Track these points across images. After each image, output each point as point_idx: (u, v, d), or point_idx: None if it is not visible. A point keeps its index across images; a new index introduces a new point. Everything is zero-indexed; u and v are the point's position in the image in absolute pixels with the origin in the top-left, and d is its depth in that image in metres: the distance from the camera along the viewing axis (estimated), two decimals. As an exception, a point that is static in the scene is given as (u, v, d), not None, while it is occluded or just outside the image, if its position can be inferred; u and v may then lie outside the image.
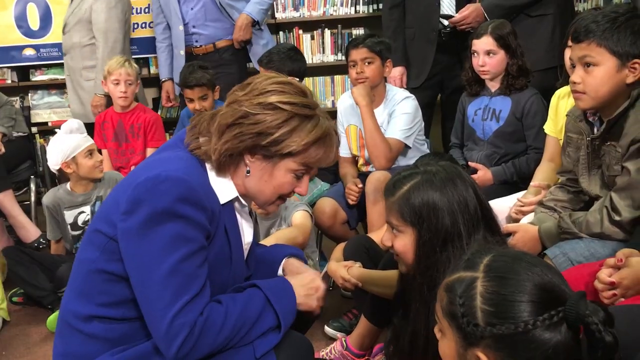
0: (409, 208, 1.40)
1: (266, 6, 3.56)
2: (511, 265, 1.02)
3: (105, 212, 1.40)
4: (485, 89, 2.73)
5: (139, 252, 1.30)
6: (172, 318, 1.27)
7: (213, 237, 1.39)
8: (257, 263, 1.66)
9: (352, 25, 4.45)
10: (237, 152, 1.39)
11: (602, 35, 1.67)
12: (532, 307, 0.97)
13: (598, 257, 1.67)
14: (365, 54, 2.77)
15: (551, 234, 1.83)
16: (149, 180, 1.32)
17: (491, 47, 2.60)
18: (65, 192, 2.83)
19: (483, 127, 2.70)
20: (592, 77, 1.70)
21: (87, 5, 3.59)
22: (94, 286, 1.38)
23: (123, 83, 3.27)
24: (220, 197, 1.41)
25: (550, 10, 3.00)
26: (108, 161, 3.41)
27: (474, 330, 0.98)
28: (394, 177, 1.49)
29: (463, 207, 1.39)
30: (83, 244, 1.44)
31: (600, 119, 1.81)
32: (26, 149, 3.49)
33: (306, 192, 1.49)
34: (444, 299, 1.05)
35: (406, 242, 1.43)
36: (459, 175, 1.44)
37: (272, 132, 1.36)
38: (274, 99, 1.37)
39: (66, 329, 1.42)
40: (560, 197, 2.01)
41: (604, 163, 1.79)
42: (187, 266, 1.30)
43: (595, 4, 4.05)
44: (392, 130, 2.79)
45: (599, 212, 1.75)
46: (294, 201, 2.63)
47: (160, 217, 1.29)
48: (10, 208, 3.19)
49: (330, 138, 1.43)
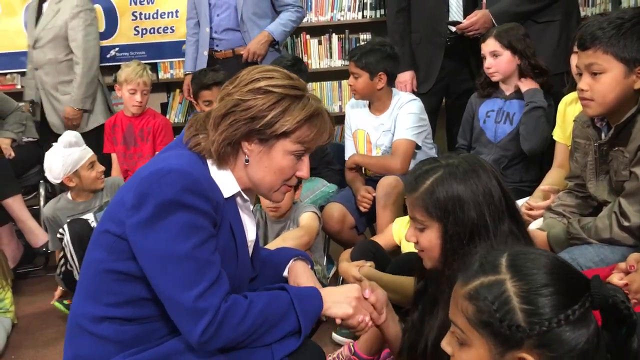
0: (433, 202, 1.38)
1: (289, 28, 3.57)
2: (533, 260, 1.02)
3: (112, 212, 1.42)
4: (499, 91, 2.74)
5: (150, 243, 1.31)
6: (193, 302, 1.29)
7: (218, 230, 1.40)
8: (262, 265, 1.66)
9: (360, 30, 4.46)
10: (235, 141, 1.41)
11: (609, 42, 1.67)
12: (563, 298, 0.97)
13: (607, 262, 1.68)
14: (352, 69, 2.80)
15: (560, 240, 1.84)
16: (153, 174, 1.34)
17: (495, 48, 2.63)
18: (66, 202, 2.85)
19: (495, 129, 2.71)
20: (600, 84, 1.71)
21: (61, 22, 3.65)
22: (103, 286, 1.39)
23: (139, 93, 3.31)
24: (224, 191, 1.43)
25: (557, 16, 3.01)
26: (116, 164, 3.44)
27: (515, 333, 0.97)
28: (414, 171, 1.46)
29: (488, 198, 1.37)
30: (90, 246, 1.45)
31: (607, 125, 1.82)
32: (35, 154, 3.50)
33: (308, 175, 1.50)
34: (468, 309, 1.01)
35: (432, 237, 1.40)
36: (481, 165, 1.41)
37: (264, 114, 1.38)
38: (263, 84, 1.40)
39: (76, 331, 1.43)
40: (569, 202, 2.01)
41: (612, 168, 1.79)
42: (201, 253, 1.31)
43: (603, 9, 4.06)
44: (400, 131, 2.80)
45: (608, 218, 1.75)
46: (302, 203, 2.65)
47: (167, 207, 1.30)
48: (19, 212, 3.21)
49: (322, 116, 1.45)
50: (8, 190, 3.18)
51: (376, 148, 2.93)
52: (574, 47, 2.19)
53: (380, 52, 2.80)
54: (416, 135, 2.81)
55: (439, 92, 3.37)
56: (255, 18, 3.50)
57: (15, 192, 3.21)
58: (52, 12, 3.65)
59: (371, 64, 2.76)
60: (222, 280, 1.35)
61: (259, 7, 3.50)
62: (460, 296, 1.04)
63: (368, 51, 2.80)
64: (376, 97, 2.85)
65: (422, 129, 2.84)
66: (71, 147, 2.75)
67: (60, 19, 3.63)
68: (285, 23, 3.52)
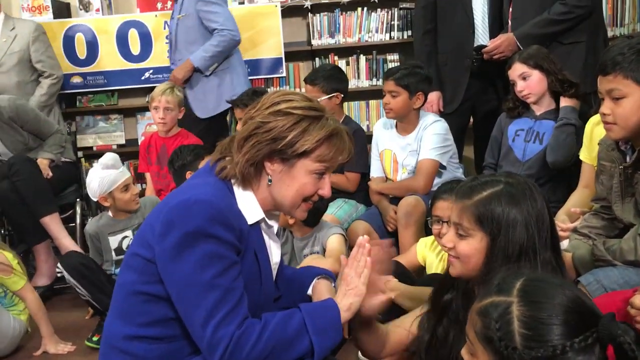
0: (488, 213, 1.38)
1: (210, 53, 3.64)
2: (545, 289, 1.05)
3: (142, 236, 1.48)
4: (530, 111, 2.76)
5: (176, 272, 1.37)
6: (212, 331, 1.34)
7: (243, 257, 1.45)
8: (287, 284, 1.71)
9: (387, 51, 4.52)
10: (258, 161, 1.47)
11: (629, 67, 1.68)
12: (567, 330, 1.00)
13: (632, 284, 1.67)
14: (392, 87, 2.86)
15: (585, 261, 1.84)
16: (180, 203, 1.41)
17: (523, 70, 2.66)
18: (107, 219, 2.94)
19: (525, 148, 2.72)
20: (622, 109, 1.72)
21: (20, 46, 3.85)
22: (134, 307, 1.45)
23: (162, 110, 3.41)
24: (248, 219, 1.48)
25: (583, 37, 3.01)
26: (150, 183, 3.55)
27: (511, 354, 1.01)
28: (471, 181, 1.47)
29: (540, 224, 1.38)
30: (122, 268, 1.52)
31: (632, 147, 1.82)
32: (73, 174, 3.64)
33: (329, 193, 1.54)
34: (477, 323, 1.07)
35: (474, 246, 1.41)
36: (537, 191, 1.43)
37: (285, 135, 1.44)
38: (283, 106, 1.47)
39: (108, 349, 1.49)
40: (595, 224, 2.01)
41: (637, 191, 1.79)
42: (223, 281, 1.36)
43: (632, 29, 4.04)
44: (424, 151, 2.85)
45: (633, 240, 1.75)
46: (329, 222, 2.69)
47: (192, 237, 1.36)
48: (56, 231, 3.31)
49: (341, 135, 1.50)
50: (46, 209, 3.29)
51: (402, 168, 2.97)
52: None
53: (419, 74, 2.92)
54: (440, 156, 2.85)
55: (466, 112, 3.40)
56: (187, 45, 3.72)
57: (53, 211, 3.32)
58: (8, 38, 3.86)
59: (412, 84, 2.86)
60: (241, 306, 1.38)
61: (189, 35, 3.71)
62: (474, 310, 1.10)
63: (409, 72, 2.90)
64: (408, 117, 2.91)
65: (446, 149, 2.88)
66: (108, 169, 2.84)
67: (18, 44, 3.85)
68: (206, 48, 3.65)
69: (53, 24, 4.44)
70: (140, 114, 4.66)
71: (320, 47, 4.53)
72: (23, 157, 3.35)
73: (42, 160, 3.45)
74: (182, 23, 3.72)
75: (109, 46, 4.46)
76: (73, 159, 3.81)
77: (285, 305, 1.71)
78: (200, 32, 3.68)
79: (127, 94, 4.67)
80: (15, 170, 3.24)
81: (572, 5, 2.96)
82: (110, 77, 4.49)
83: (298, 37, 4.64)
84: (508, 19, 3.19)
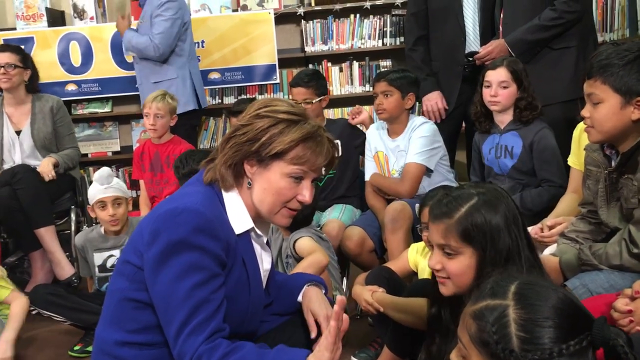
0: (473, 228, 1.38)
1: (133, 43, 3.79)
2: (539, 292, 1.06)
3: (133, 243, 1.50)
4: (495, 126, 2.76)
5: (158, 281, 1.39)
6: (182, 341, 1.35)
7: (231, 267, 1.46)
8: (278, 291, 1.72)
9: (380, 57, 4.56)
10: (235, 162, 1.49)
11: (607, 73, 1.71)
12: (562, 332, 1.01)
13: (617, 288, 1.68)
14: (385, 87, 2.89)
15: (572, 266, 1.85)
16: (167, 212, 1.42)
17: (505, 78, 2.66)
18: (97, 234, 2.91)
19: (498, 164, 2.73)
20: (597, 113, 1.74)
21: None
22: (125, 314, 1.47)
23: (152, 116, 3.43)
24: (235, 228, 1.49)
25: (573, 42, 3.03)
26: (144, 190, 3.57)
27: (508, 357, 1.01)
28: (443, 200, 1.46)
29: (518, 225, 1.41)
30: (114, 274, 1.54)
31: (617, 152, 1.84)
32: (69, 181, 3.65)
33: (310, 200, 1.52)
34: (472, 327, 1.07)
35: (465, 263, 1.41)
36: (506, 193, 1.46)
37: (260, 136, 1.47)
38: (262, 110, 1.50)
39: (100, 356, 1.51)
40: (582, 228, 2.03)
41: (622, 196, 1.81)
42: (201, 292, 1.37)
43: (621, 35, 4.08)
44: (410, 155, 2.87)
45: (618, 245, 1.76)
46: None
47: (176, 247, 1.38)
48: (49, 244, 3.33)
49: (318, 138, 1.49)
50: (42, 220, 3.32)
51: (392, 170, 2.99)
52: None
53: (410, 77, 2.97)
54: (427, 160, 2.86)
55: (458, 117, 3.43)
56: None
57: (49, 224, 3.35)
58: None
59: (404, 85, 2.89)
60: (214, 319, 1.37)
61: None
62: (467, 314, 1.09)
63: (399, 73, 2.95)
64: (399, 119, 2.93)
65: (434, 152, 2.89)
66: (95, 182, 2.84)
67: None
68: (131, 38, 3.82)
69: (47, 32, 4.46)
70: (135, 121, 4.69)
71: (313, 54, 4.57)
72: (27, 167, 3.40)
73: (49, 159, 3.47)
74: (141, 28, 3.84)
75: (104, 54, 4.49)
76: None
77: (276, 311, 1.73)
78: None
79: (122, 102, 4.71)
80: (19, 178, 3.29)
81: (562, 11, 2.98)
82: (104, 84, 4.52)
83: (291, 44, 4.68)
84: (499, 25, 3.22)
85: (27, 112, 3.55)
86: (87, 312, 2.68)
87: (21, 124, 3.55)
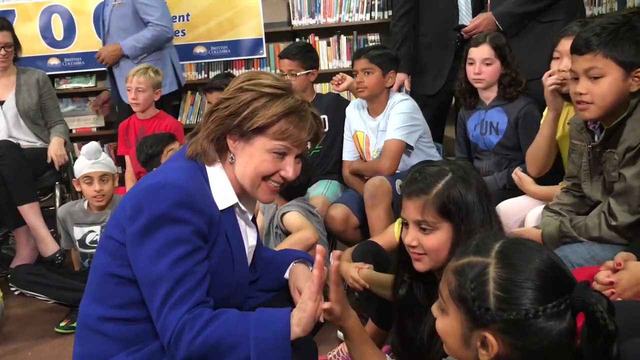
0: (450, 203, 1.40)
1: (141, 44, 3.76)
2: (523, 252, 1.05)
3: (116, 218, 1.48)
4: (480, 102, 2.75)
5: (140, 255, 1.38)
6: (165, 314, 1.34)
7: (214, 241, 1.46)
8: (265, 267, 1.71)
9: (368, 31, 4.51)
10: (217, 136, 1.48)
11: (607, 47, 1.70)
12: (541, 295, 1.01)
13: (598, 260, 1.71)
14: (365, 65, 2.85)
15: (553, 238, 1.88)
16: (149, 186, 1.41)
17: (488, 55, 2.64)
18: (79, 209, 2.90)
19: (484, 140, 2.73)
20: (599, 88, 1.73)
21: None
22: (108, 289, 1.46)
23: (134, 90, 3.42)
24: (218, 204, 1.48)
25: (561, 15, 3.01)
26: (130, 166, 3.54)
27: (484, 314, 1.02)
28: (418, 176, 1.47)
29: (489, 199, 1.44)
30: (97, 249, 1.53)
31: (600, 127, 1.85)
32: (52, 157, 3.61)
33: (293, 176, 1.50)
34: (452, 282, 1.07)
35: (442, 238, 1.42)
36: (474, 169, 1.50)
37: (242, 110, 1.44)
38: (247, 84, 1.48)
39: (84, 331, 1.50)
40: (566, 201, 2.05)
41: (605, 170, 1.83)
42: (183, 264, 1.36)
43: (609, 8, 4.05)
44: (389, 132, 2.85)
45: (598, 217, 1.79)
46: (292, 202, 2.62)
47: (158, 221, 1.37)
48: (33, 221, 3.31)
49: (302, 113, 1.46)
50: (26, 197, 3.29)
51: (373, 151, 2.98)
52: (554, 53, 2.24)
53: (390, 54, 2.94)
54: (406, 136, 2.84)
55: (447, 93, 3.41)
56: (120, 32, 3.81)
57: (32, 200, 3.32)
58: None
59: (385, 62, 2.86)
60: (197, 290, 1.36)
61: (123, 23, 3.80)
62: (449, 269, 1.10)
63: (380, 50, 2.91)
64: (380, 97, 2.91)
65: (413, 128, 2.87)
66: (82, 156, 2.83)
67: None
68: (138, 38, 3.76)
69: (29, 4, 4.38)
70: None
71: (300, 28, 4.52)
72: (10, 143, 3.36)
73: (58, 139, 3.49)
74: (118, 10, 3.78)
75: (86, 27, 4.42)
76: None
77: (263, 287, 1.73)
78: (135, 21, 3.78)
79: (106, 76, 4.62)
80: (1, 154, 3.25)
81: None
82: (88, 58, 4.45)
83: (278, 18, 4.62)
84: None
85: (11, 83, 3.52)
86: (70, 289, 2.70)
87: (4, 95, 3.51)
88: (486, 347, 1.03)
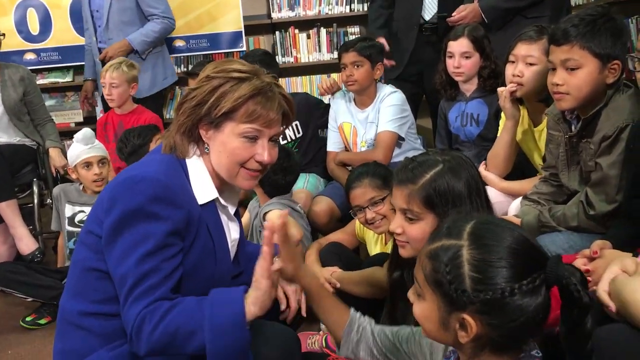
0: (436, 194, 1.40)
1: (151, 39, 3.76)
2: (494, 232, 1.06)
3: (95, 212, 1.47)
4: (461, 93, 2.77)
5: (113, 250, 1.37)
6: (127, 309, 1.33)
7: (195, 235, 1.44)
8: (248, 261, 1.70)
9: (348, 23, 4.51)
10: (189, 127, 1.47)
11: (584, 38, 1.72)
12: (515, 272, 1.01)
13: (577, 249, 1.73)
14: (355, 58, 2.85)
15: (532, 227, 1.90)
16: (126, 180, 1.40)
17: (467, 49, 2.65)
18: (74, 189, 2.92)
19: (464, 132, 2.75)
20: (576, 79, 1.75)
21: None
22: (88, 284, 1.45)
23: (108, 86, 3.40)
24: (198, 198, 1.47)
25: (546, 12, 3.03)
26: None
27: (461, 297, 1.02)
28: (408, 165, 1.47)
29: (478, 191, 1.43)
30: (77, 245, 1.52)
31: (577, 118, 1.87)
32: (29, 153, 3.55)
33: (269, 160, 1.48)
34: (427, 267, 1.07)
35: (424, 229, 1.42)
36: (467, 160, 1.48)
37: (208, 97, 1.44)
38: (212, 72, 1.47)
39: (64, 326, 1.49)
40: (544, 190, 2.07)
41: (582, 159, 1.85)
42: (151, 261, 1.34)
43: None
44: (382, 124, 2.86)
45: (576, 207, 1.81)
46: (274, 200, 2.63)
47: (131, 216, 1.36)
48: (11, 218, 3.25)
49: (266, 93, 1.44)
50: (3, 194, 3.23)
51: (362, 142, 2.98)
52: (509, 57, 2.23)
53: (377, 46, 2.94)
54: (398, 127, 2.86)
55: (416, 82, 3.42)
56: (123, 26, 3.74)
57: (10, 197, 3.26)
58: None
59: (373, 54, 2.86)
60: (160, 287, 1.33)
61: (125, 16, 3.74)
62: (423, 253, 1.10)
63: (367, 42, 2.90)
64: (368, 90, 2.91)
65: (404, 120, 2.89)
66: (77, 143, 2.82)
67: None
68: (147, 33, 3.75)
69: (3, -2, 4.30)
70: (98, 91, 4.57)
71: (280, 20, 4.49)
72: None
73: (56, 150, 3.47)
74: (118, 3, 3.73)
75: (63, 21, 4.35)
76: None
77: (246, 281, 1.71)
78: (137, 14, 3.75)
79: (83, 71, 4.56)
80: None
81: None
82: (64, 53, 4.40)
83: (258, 10, 4.59)
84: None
85: None
86: (48, 287, 2.71)
87: None
88: (465, 329, 1.04)
